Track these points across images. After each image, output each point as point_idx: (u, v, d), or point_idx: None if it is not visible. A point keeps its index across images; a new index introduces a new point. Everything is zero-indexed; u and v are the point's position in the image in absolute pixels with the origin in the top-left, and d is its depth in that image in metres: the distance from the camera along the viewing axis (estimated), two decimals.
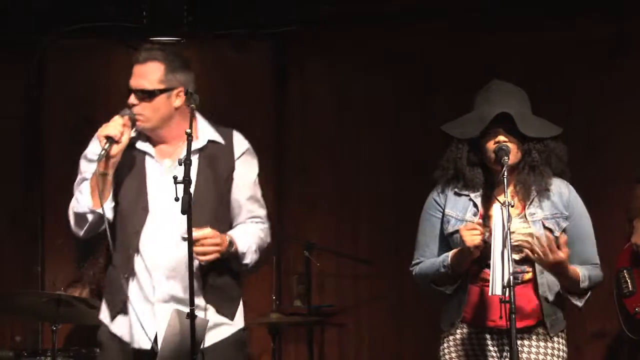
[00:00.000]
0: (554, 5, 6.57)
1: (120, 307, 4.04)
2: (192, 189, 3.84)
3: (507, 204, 3.75)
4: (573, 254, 4.00)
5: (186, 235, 3.81)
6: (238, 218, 4.16)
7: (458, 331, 4.07)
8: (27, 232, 6.90)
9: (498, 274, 3.72)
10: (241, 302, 4.16)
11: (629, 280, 5.78)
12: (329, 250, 6.59)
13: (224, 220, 4.10)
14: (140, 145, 4.12)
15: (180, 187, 3.75)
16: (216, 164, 4.11)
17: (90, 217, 4.02)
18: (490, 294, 3.75)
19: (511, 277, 3.68)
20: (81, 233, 4.08)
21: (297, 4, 6.82)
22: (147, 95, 4.06)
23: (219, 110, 4.59)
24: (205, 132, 4.14)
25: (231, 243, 4.00)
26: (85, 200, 4.00)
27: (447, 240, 4.06)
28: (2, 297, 5.98)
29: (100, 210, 3.96)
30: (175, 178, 3.75)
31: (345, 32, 6.89)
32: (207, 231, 3.91)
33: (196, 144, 4.05)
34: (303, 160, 6.96)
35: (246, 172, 4.17)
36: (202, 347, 3.94)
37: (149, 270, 4.00)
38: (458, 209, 4.05)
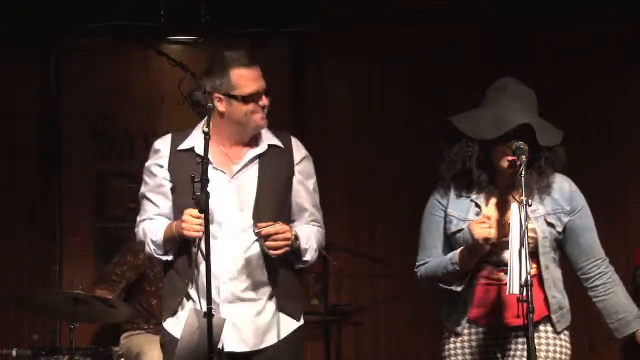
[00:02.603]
0: (556, 5, 6.57)
1: (175, 309, 4.14)
2: (254, 195, 4.07)
3: (524, 202, 3.75)
4: (579, 246, 4.06)
5: (256, 229, 4.00)
6: (300, 221, 4.25)
7: (465, 330, 4.07)
8: (45, 230, 6.92)
9: (515, 273, 3.71)
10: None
11: None
12: (346, 249, 6.59)
13: (285, 222, 4.14)
14: (200, 150, 4.10)
15: (198, 185, 3.81)
16: (276, 169, 4.20)
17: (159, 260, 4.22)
18: (507, 293, 3.75)
19: (529, 276, 3.68)
20: None
21: (313, 3, 6.83)
22: (268, 95, 4.18)
23: None
24: (265, 136, 4.23)
25: (296, 237, 4.09)
26: (157, 249, 4.16)
27: (450, 240, 4.07)
28: (21, 295, 6.01)
29: (168, 258, 4.16)
30: (192, 177, 3.80)
31: (363, 31, 6.89)
32: (279, 226, 4.02)
33: (257, 150, 4.19)
34: (320, 160, 6.93)
35: (306, 178, 4.28)
36: (274, 342, 4.12)
37: (212, 272, 4.01)
38: (460, 209, 4.05)
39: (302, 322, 4.25)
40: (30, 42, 6.83)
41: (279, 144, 4.24)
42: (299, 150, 4.28)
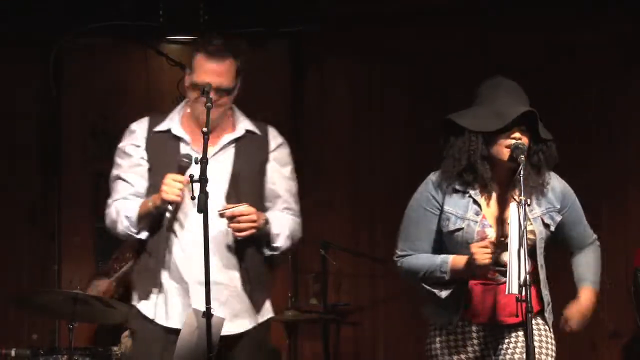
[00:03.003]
0: (556, 5, 6.57)
1: (150, 289, 4.10)
2: (228, 177, 4.04)
3: (523, 202, 3.74)
4: (573, 239, 4.16)
5: (222, 211, 3.95)
6: (273, 208, 4.21)
7: (458, 329, 4.04)
8: (45, 230, 6.93)
9: (514, 272, 3.71)
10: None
11: None
12: (345, 249, 6.58)
13: (258, 207, 4.12)
14: (176, 131, 4.15)
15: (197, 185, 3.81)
16: (251, 154, 4.19)
17: (129, 238, 4.17)
18: (506, 292, 3.75)
19: (527, 276, 3.68)
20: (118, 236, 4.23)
21: (313, 3, 6.83)
22: (227, 92, 4.12)
23: None
24: (242, 123, 4.23)
25: (267, 221, 4.08)
26: (131, 226, 4.11)
27: (442, 237, 4.03)
28: (21, 295, 6.02)
29: (141, 236, 4.11)
30: (191, 177, 3.80)
31: (363, 31, 6.89)
32: (244, 207, 3.98)
33: (234, 134, 4.19)
34: (320, 160, 6.96)
35: (281, 165, 4.26)
36: (232, 333, 4.05)
37: (185, 252, 4.05)
38: (459, 207, 4.00)
39: (267, 316, 4.21)
40: (30, 42, 6.84)
41: (256, 130, 4.25)
42: (275, 138, 4.28)
